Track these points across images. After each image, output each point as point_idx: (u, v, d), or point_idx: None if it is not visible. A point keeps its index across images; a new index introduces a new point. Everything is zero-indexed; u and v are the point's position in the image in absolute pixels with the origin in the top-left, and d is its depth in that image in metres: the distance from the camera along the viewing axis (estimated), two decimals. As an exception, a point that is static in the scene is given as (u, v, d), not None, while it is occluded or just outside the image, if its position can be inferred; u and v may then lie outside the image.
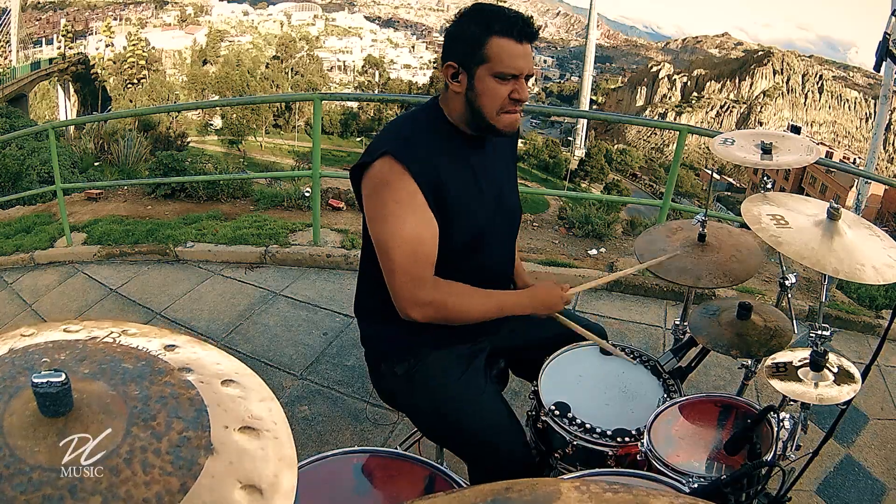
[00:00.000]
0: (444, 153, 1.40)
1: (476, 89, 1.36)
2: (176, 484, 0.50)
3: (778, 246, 1.32)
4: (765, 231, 1.36)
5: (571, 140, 41.49)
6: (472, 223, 1.44)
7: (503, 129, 1.40)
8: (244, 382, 0.63)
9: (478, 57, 1.34)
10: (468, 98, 1.38)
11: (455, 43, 1.37)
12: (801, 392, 1.36)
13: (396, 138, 1.41)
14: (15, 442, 0.50)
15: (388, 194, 1.35)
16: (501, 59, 1.33)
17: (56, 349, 0.60)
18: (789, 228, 1.37)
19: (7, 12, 40.24)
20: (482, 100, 1.36)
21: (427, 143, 1.40)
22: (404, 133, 1.43)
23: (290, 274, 3.88)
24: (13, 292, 3.98)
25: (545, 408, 1.47)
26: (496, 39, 1.32)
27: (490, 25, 1.33)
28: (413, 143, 1.38)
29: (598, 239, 4.51)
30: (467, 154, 1.45)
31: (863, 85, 44.84)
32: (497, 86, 1.35)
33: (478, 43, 1.33)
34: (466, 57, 1.35)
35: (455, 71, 1.38)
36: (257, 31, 48.43)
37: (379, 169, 1.36)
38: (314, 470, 1.27)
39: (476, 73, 1.35)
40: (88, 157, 10.91)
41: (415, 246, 1.35)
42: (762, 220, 1.40)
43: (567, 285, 1.56)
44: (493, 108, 1.37)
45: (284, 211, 5.02)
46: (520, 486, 0.46)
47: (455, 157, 1.42)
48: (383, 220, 1.36)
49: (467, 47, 1.35)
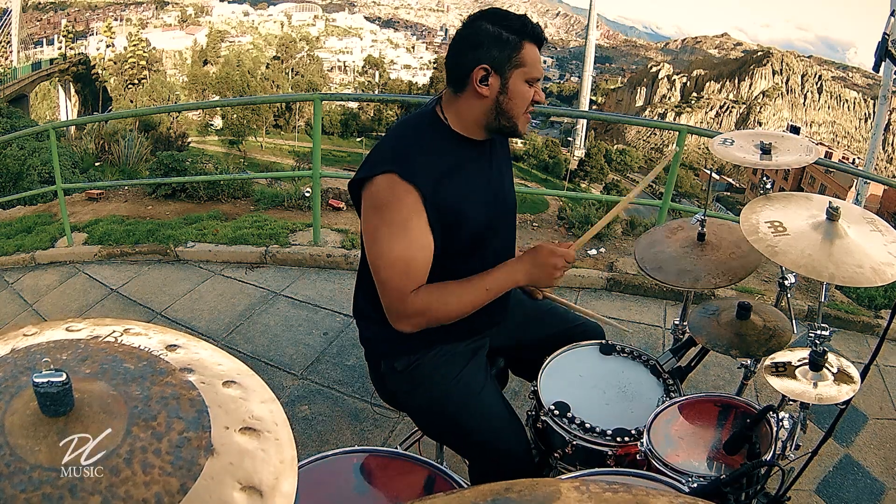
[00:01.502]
0: (448, 161, 1.40)
1: (510, 93, 1.39)
2: (176, 484, 0.50)
3: (774, 256, 1.33)
4: (762, 242, 1.37)
5: (571, 140, 41.47)
6: (474, 225, 1.44)
7: (522, 130, 1.45)
8: (245, 383, 0.63)
9: (514, 62, 1.37)
10: (498, 101, 1.39)
11: (489, 46, 1.36)
12: (800, 392, 1.36)
13: (399, 152, 1.40)
14: (16, 441, 0.50)
15: (384, 215, 1.36)
16: (533, 65, 1.38)
17: (58, 349, 0.61)
18: (787, 236, 1.37)
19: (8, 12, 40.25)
20: (513, 103, 1.40)
21: (430, 152, 1.40)
22: (407, 144, 1.43)
23: (290, 274, 3.88)
24: (14, 292, 3.99)
25: (545, 407, 1.47)
26: (528, 45, 1.37)
27: (523, 31, 1.37)
28: (416, 156, 1.38)
29: (597, 239, 4.50)
30: (469, 158, 1.45)
31: (862, 85, 44.82)
32: (526, 90, 1.40)
33: (514, 47, 1.36)
34: (501, 61, 1.37)
35: (486, 74, 1.37)
36: (258, 32, 48.43)
37: (380, 186, 1.36)
38: (314, 469, 1.28)
39: (511, 77, 1.38)
40: (89, 158, 10.90)
41: (403, 267, 1.37)
42: (760, 230, 1.40)
43: (568, 242, 1.53)
44: (520, 110, 1.41)
45: (285, 211, 5.02)
46: (519, 486, 0.46)
47: (458, 163, 1.42)
48: (374, 241, 1.38)
49: (502, 51, 1.36)
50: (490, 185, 1.50)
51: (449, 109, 1.43)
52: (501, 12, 1.41)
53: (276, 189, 5.67)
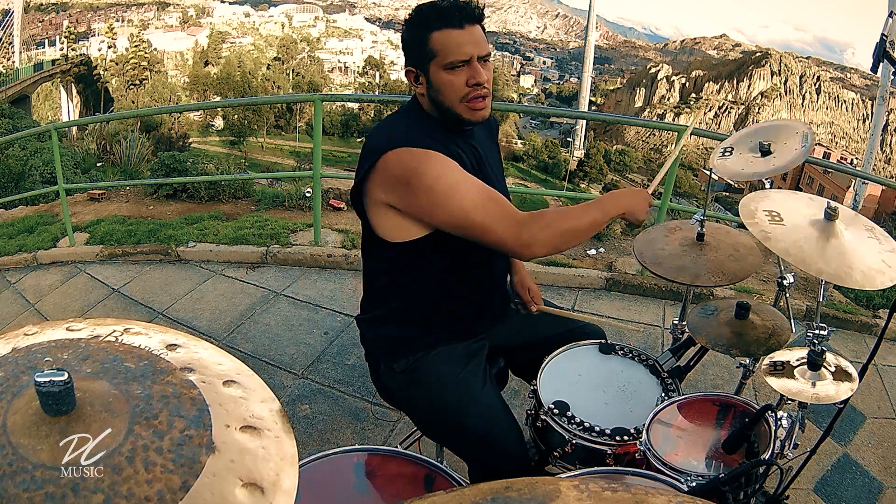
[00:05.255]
0: (438, 140, 1.39)
1: (434, 86, 1.38)
2: (177, 482, 0.51)
3: (766, 241, 1.32)
4: (756, 226, 1.36)
5: (570, 141, 41.44)
6: None
7: (472, 119, 1.41)
8: (246, 383, 0.64)
9: (426, 55, 1.36)
10: (431, 97, 1.40)
11: (406, 49, 1.41)
12: (798, 391, 1.36)
13: (396, 134, 1.39)
14: (18, 440, 0.51)
15: (425, 178, 1.31)
16: (446, 50, 1.34)
17: (59, 348, 0.61)
18: (782, 225, 1.37)
19: (10, 13, 40.29)
20: (442, 94, 1.38)
21: (422, 132, 1.39)
22: (400, 128, 1.43)
23: (291, 274, 3.88)
24: (16, 292, 4.00)
25: (544, 407, 1.47)
26: (437, 34, 1.34)
27: (427, 22, 1.35)
28: (413, 133, 1.38)
29: (597, 239, 4.50)
30: (455, 143, 1.44)
31: (860, 86, 44.80)
32: (451, 77, 1.36)
33: (421, 42, 1.36)
34: (417, 59, 1.38)
35: (415, 74, 1.41)
36: (258, 33, 48.46)
37: (397, 159, 1.32)
38: (315, 468, 1.28)
39: (430, 71, 1.37)
40: (91, 158, 10.90)
41: (485, 199, 1.32)
42: (757, 216, 1.40)
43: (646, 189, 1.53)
44: (454, 98, 1.38)
45: (285, 211, 5.03)
46: (519, 484, 0.46)
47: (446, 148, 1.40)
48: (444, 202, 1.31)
49: (415, 49, 1.38)
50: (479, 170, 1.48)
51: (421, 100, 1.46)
52: (418, 8, 1.39)
53: (277, 189, 5.69)
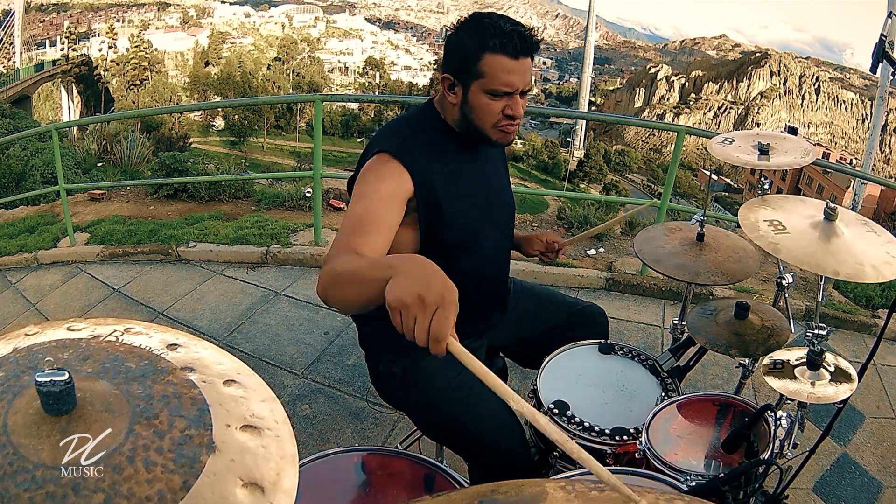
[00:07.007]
0: (439, 154, 1.40)
1: (470, 103, 1.35)
2: (178, 481, 0.51)
3: (777, 253, 1.33)
4: (763, 238, 1.37)
5: (570, 141, 41.46)
6: (465, 223, 1.44)
7: (500, 141, 1.40)
8: (246, 383, 0.64)
9: (472, 72, 1.31)
10: (463, 111, 1.38)
11: (451, 55, 1.35)
12: (797, 391, 1.36)
13: (391, 139, 1.40)
14: (19, 440, 0.51)
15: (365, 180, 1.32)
16: (495, 76, 1.30)
17: (60, 348, 0.61)
18: (787, 234, 1.37)
19: (11, 14, 40.33)
20: (476, 114, 1.36)
21: (422, 143, 1.39)
22: (399, 134, 1.43)
23: (291, 274, 3.89)
24: (17, 292, 4.00)
25: (544, 406, 1.48)
26: (490, 56, 1.29)
27: (485, 41, 1.28)
28: (408, 143, 1.38)
29: (596, 239, 4.51)
30: (462, 154, 1.45)
31: (859, 86, 44.81)
32: (490, 102, 1.33)
33: (472, 59, 1.30)
34: (461, 71, 1.33)
35: (451, 83, 1.37)
36: (259, 33, 48.51)
37: (371, 161, 1.35)
38: (315, 468, 1.28)
39: (470, 88, 1.33)
40: (91, 158, 10.92)
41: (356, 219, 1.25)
42: (760, 228, 1.40)
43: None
44: (487, 123, 1.36)
45: (286, 211, 5.03)
46: (506, 487, 0.46)
47: (450, 158, 1.42)
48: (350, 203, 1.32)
49: (462, 62, 1.32)
50: (483, 179, 1.50)
51: (440, 106, 1.45)
52: (477, 19, 1.33)
53: (278, 189, 5.69)
